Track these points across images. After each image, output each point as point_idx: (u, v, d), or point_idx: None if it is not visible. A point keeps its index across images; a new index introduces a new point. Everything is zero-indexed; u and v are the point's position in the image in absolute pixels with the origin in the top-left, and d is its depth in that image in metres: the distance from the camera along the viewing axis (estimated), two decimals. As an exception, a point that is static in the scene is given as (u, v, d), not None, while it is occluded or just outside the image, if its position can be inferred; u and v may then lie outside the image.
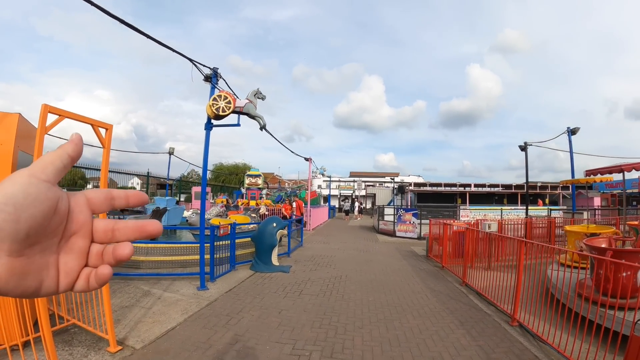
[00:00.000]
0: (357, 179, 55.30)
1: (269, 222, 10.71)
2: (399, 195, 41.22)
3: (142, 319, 6.21)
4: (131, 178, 27.69)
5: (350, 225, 29.56)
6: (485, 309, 7.18)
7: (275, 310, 6.86)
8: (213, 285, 8.48)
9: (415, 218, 20.30)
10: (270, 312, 6.75)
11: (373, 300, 7.66)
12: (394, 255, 14.04)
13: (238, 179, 48.88)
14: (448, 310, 7.11)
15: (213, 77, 8.58)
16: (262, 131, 9.27)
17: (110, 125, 4.90)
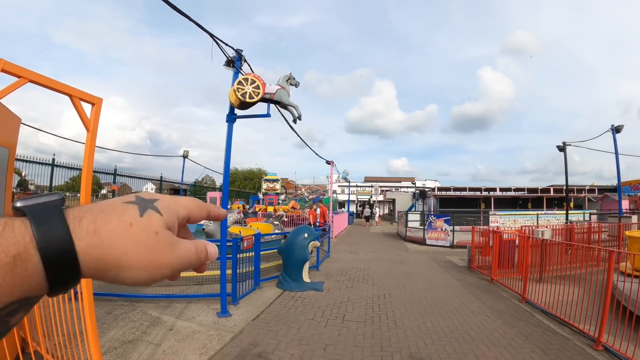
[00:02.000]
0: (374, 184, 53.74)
1: (300, 233, 9.20)
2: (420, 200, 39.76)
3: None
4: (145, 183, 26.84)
5: (373, 232, 28.01)
6: (560, 330, 6.21)
7: (319, 345, 5.40)
8: (236, 309, 7.02)
9: (447, 225, 18.68)
10: (313, 348, 5.30)
11: (432, 327, 6.26)
12: (432, 266, 12.54)
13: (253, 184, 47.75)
14: (521, 335, 5.96)
15: (237, 60, 7.15)
16: (295, 124, 7.78)
17: (99, 100, 3.48)
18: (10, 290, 0.41)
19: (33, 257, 0.42)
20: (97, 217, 0.47)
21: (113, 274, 0.48)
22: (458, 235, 18.39)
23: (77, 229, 0.45)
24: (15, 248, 0.41)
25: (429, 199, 37.38)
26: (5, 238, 0.41)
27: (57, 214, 0.45)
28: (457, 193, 36.43)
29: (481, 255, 11.82)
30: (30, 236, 0.42)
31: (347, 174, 37.28)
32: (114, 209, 0.49)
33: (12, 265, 0.40)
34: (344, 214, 32.71)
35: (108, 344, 5.26)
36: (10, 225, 0.43)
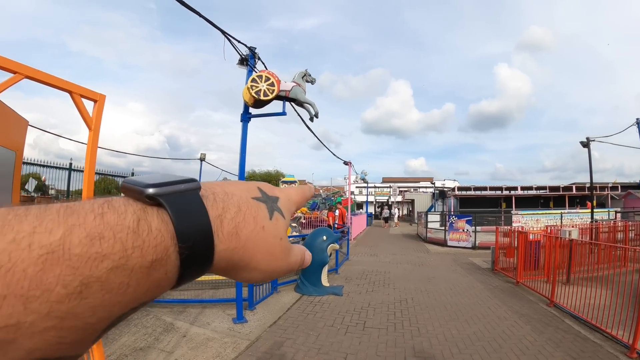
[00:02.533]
0: (392, 185, 53.25)
1: (318, 235, 8.91)
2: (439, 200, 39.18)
3: (160, 371, 4.56)
4: None
5: (392, 234, 27.65)
6: (591, 337, 5.89)
7: (339, 355, 5.12)
8: (252, 315, 6.78)
9: (469, 225, 18.22)
10: (333, 358, 5.04)
11: (458, 334, 5.93)
12: (455, 269, 12.15)
13: (270, 187, 47.77)
14: (551, 342, 5.62)
15: (250, 58, 6.92)
16: (312, 122, 7.49)
17: (102, 96, 3.26)
18: (141, 296, 0.36)
19: (173, 260, 0.37)
20: (236, 217, 0.43)
21: (234, 273, 0.46)
22: (480, 236, 17.94)
23: (219, 230, 0.41)
24: (155, 251, 0.35)
25: (449, 199, 36.73)
26: (142, 238, 0.34)
27: (200, 209, 0.40)
28: (477, 192, 35.70)
29: (505, 256, 11.42)
30: (171, 236, 0.37)
31: (365, 175, 36.68)
32: (249, 208, 0.46)
33: (149, 270, 0.35)
34: (363, 215, 32.43)
35: (119, 351, 5.11)
36: (145, 219, 0.36)
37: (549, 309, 7.30)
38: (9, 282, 0.27)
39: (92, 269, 0.31)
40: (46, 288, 0.28)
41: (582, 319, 6.47)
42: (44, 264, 0.28)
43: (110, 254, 0.32)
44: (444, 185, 49.74)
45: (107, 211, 0.34)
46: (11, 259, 0.27)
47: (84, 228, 0.32)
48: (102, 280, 0.31)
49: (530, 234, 10.14)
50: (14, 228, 0.29)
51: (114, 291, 0.32)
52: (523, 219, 19.95)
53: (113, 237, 0.33)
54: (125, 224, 0.34)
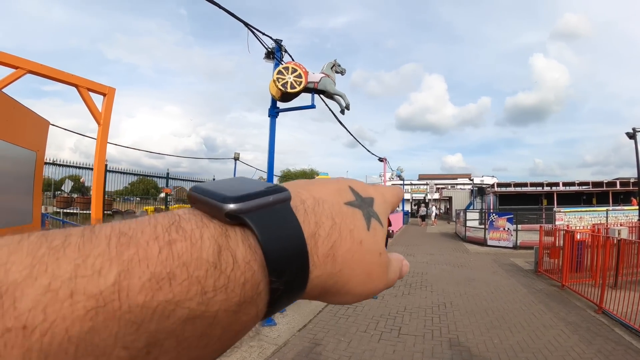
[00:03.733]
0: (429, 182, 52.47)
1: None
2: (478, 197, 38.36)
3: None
4: None
5: (429, 233, 27.04)
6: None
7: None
8: (282, 317, 6.54)
9: (510, 224, 17.43)
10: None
11: (500, 344, 5.51)
12: (496, 270, 11.59)
13: (306, 185, 48.11)
14: (601, 355, 5.14)
15: (277, 51, 6.68)
16: (343, 114, 7.19)
17: (111, 90, 3.06)
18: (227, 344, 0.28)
19: (264, 297, 0.29)
20: (332, 233, 0.35)
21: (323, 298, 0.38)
22: (521, 235, 17.21)
23: (314, 253, 0.33)
24: (242, 291, 0.27)
25: (488, 196, 35.90)
26: (226, 275, 0.26)
27: (294, 228, 0.32)
28: (517, 189, 34.73)
29: (549, 257, 10.81)
30: (261, 266, 0.29)
31: (400, 172, 36.21)
32: (344, 218, 0.37)
33: (236, 315, 0.27)
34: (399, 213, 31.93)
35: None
36: (227, 248, 0.27)
37: (597, 316, 6.79)
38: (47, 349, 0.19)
39: (162, 322, 0.23)
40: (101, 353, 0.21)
41: (634, 328, 5.96)
42: (94, 321, 0.21)
43: (185, 300, 0.24)
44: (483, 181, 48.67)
45: (176, 238, 0.26)
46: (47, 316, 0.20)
47: (146, 265, 0.23)
48: (176, 335, 0.24)
49: (577, 233, 9.58)
50: (49, 269, 0.21)
51: (193, 346, 0.25)
52: (566, 216, 19.07)
53: (188, 277, 0.24)
54: (202, 256, 0.26)
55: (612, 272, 8.12)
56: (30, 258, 0.21)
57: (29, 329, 0.19)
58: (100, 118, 3.04)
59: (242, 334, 0.29)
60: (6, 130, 3.67)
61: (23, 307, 0.19)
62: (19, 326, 0.19)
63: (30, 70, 2.68)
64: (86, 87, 2.96)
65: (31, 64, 2.68)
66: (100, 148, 3.06)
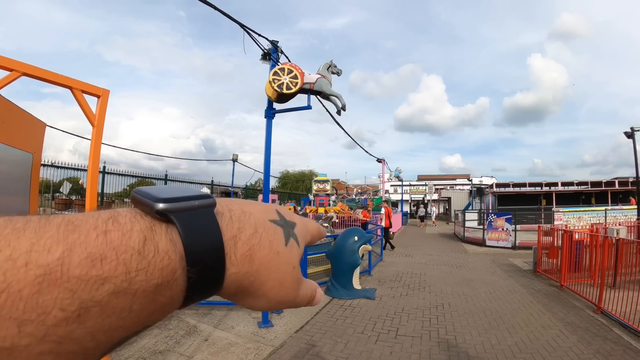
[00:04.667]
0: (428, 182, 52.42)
1: (349, 236, 8.55)
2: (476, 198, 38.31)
3: (177, 378, 4.38)
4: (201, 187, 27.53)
5: (428, 233, 26.93)
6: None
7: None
8: (279, 318, 6.53)
9: (508, 224, 17.40)
10: (360, 369, 4.70)
11: (498, 345, 5.49)
12: (495, 271, 11.55)
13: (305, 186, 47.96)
14: (600, 355, 5.13)
15: (273, 52, 6.68)
16: (339, 115, 7.17)
17: (105, 91, 3.08)
18: (144, 319, 0.34)
19: (180, 284, 0.35)
20: (252, 239, 0.41)
21: (239, 298, 0.43)
22: (520, 235, 17.16)
23: (232, 252, 0.39)
24: (161, 275, 0.33)
25: (487, 197, 35.84)
26: (147, 260, 0.32)
27: (213, 228, 0.38)
28: (516, 189, 34.67)
29: (547, 257, 10.79)
30: (180, 257, 0.35)
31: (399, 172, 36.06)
32: (265, 230, 0.43)
33: (154, 294, 0.33)
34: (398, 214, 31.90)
35: (137, 354, 5.00)
36: (152, 239, 0.34)
37: (595, 316, 6.79)
38: (3, 303, 0.25)
39: (92, 292, 0.29)
40: (42, 311, 0.27)
41: (633, 328, 5.96)
42: (40, 285, 0.27)
43: (112, 277, 0.30)
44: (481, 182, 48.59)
45: (111, 229, 0.32)
46: (6, 278, 0.26)
47: (85, 247, 0.29)
48: (102, 305, 0.29)
49: (576, 233, 9.56)
50: (11, 244, 0.27)
51: (115, 315, 0.30)
52: (565, 216, 19.04)
53: (116, 258, 0.30)
54: (129, 244, 0.32)
55: (611, 271, 8.11)
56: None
57: None
58: (95, 120, 3.04)
59: (159, 314, 0.34)
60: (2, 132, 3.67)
61: None
62: None
63: (25, 72, 2.67)
64: (80, 89, 2.96)
65: (26, 66, 2.68)
66: (95, 150, 3.05)
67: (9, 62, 2.60)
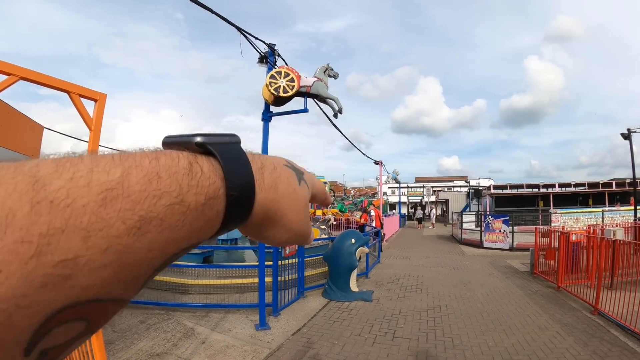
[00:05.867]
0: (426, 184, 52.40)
1: (346, 238, 8.58)
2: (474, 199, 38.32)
3: (174, 381, 4.38)
4: None
5: (426, 235, 26.89)
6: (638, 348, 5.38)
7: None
8: (276, 321, 6.53)
9: (506, 225, 17.37)
10: (357, 371, 4.70)
11: (495, 346, 5.49)
12: (492, 272, 11.54)
13: (303, 189, 48.07)
14: (596, 356, 5.13)
15: (270, 55, 6.68)
16: (336, 118, 7.17)
17: (103, 95, 3.08)
18: (193, 235, 0.37)
19: (222, 201, 0.39)
20: (274, 173, 0.47)
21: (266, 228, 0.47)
22: (517, 236, 17.13)
23: (260, 180, 0.44)
24: (208, 191, 0.37)
25: (484, 198, 35.86)
26: (196, 179, 0.37)
27: (244, 159, 0.43)
28: (513, 191, 34.72)
29: (545, 259, 10.76)
30: (221, 178, 0.39)
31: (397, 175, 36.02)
32: (283, 170, 0.49)
33: (204, 207, 0.37)
34: (395, 216, 31.87)
35: (135, 356, 5.01)
36: (196, 163, 0.38)
37: (593, 317, 6.79)
38: (68, 216, 0.27)
39: (151, 205, 0.31)
40: (106, 223, 0.28)
41: (629, 329, 5.96)
42: (104, 201, 0.29)
43: (168, 191, 0.33)
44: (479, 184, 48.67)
45: (161, 156, 0.35)
46: (70, 195, 0.27)
47: (141, 169, 0.32)
48: (160, 217, 0.32)
49: (573, 234, 9.57)
50: (70, 169, 0.29)
51: (171, 227, 0.33)
52: (562, 218, 19.03)
53: (169, 176, 0.34)
54: (180, 165, 0.36)
55: (608, 273, 8.12)
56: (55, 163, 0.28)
57: (55, 202, 0.26)
58: (92, 124, 3.05)
59: (206, 230, 0.38)
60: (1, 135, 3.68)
61: (51, 189, 0.26)
62: (47, 200, 0.26)
63: (23, 76, 2.67)
64: (78, 93, 2.96)
65: (24, 70, 2.68)
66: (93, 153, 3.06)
67: (7, 67, 2.60)
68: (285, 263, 7.62)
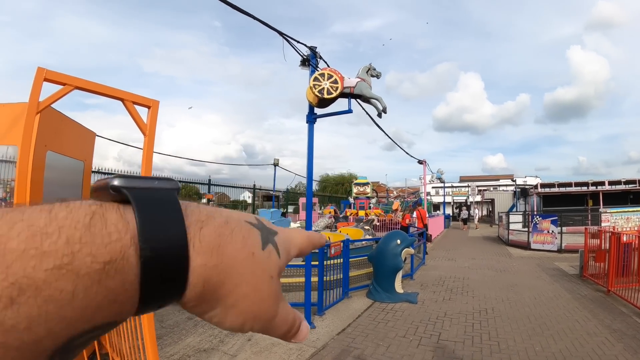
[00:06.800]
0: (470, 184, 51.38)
1: (392, 239, 8.53)
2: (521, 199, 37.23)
3: (222, 376, 4.52)
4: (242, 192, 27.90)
5: (471, 236, 26.43)
6: None
7: (409, 370, 4.78)
8: (321, 320, 6.61)
9: (554, 226, 16.77)
10: (402, 373, 4.70)
11: (542, 352, 5.33)
12: (540, 275, 11.20)
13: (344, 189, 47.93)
14: (647, 365, 4.80)
15: (312, 58, 6.77)
16: (380, 117, 7.17)
17: (155, 102, 3.22)
18: (92, 312, 0.28)
19: (132, 266, 0.29)
20: (222, 228, 0.36)
21: (208, 305, 0.35)
22: (566, 237, 16.51)
23: (196, 239, 0.33)
24: (109, 251, 0.28)
25: (531, 198, 34.74)
26: (93, 234, 0.28)
27: (174, 209, 0.33)
28: (561, 189, 33.31)
29: (594, 261, 10.30)
30: (132, 235, 0.30)
31: (441, 174, 35.32)
32: (239, 225, 0.38)
33: (101, 275, 0.28)
34: (440, 217, 31.43)
35: (182, 351, 5.19)
36: (100, 214, 0.30)
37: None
38: None
39: (28, 268, 0.25)
40: None
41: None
42: None
43: (52, 250, 0.26)
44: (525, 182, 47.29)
45: (57, 206, 0.28)
46: None
47: (25, 222, 0.26)
48: (40, 284, 0.25)
49: (624, 235, 9.21)
50: None
51: (55, 300, 0.25)
52: (612, 217, 18.24)
53: (57, 231, 0.26)
54: (75, 217, 0.28)
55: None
56: None
57: None
58: (146, 129, 3.19)
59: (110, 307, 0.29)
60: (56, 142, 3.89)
61: None
62: None
63: (78, 86, 2.82)
64: (132, 100, 3.11)
65: (78, 80, 2.84)
66: (147, 158, 3.20)
67: (62, 77, 2.76)
68: (330, 263, 7.66)
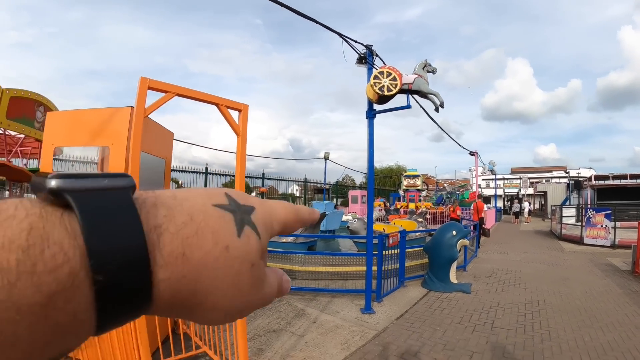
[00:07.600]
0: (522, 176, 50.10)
1: (447, 230, 8.79)
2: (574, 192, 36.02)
3: (291, 352, 5.00)
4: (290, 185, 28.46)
5: (523, 230, 25.97)
6: None
7: (464, 352, 5.08)
8: (380, 306, 7.00)
9: (608, 220, 16.30)
10: (458, 355, 5.01)
11: (591, 342, 5.51)
12: (591, 270, 11.09)
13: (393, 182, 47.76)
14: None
15: (368, 55, 7.13)
16: (438, 112, 7.42)
17: (245, 106, 3.67)
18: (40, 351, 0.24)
19: (84, 294, 0.24)
20: (184, 229, 0.30)
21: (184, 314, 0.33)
22: (620, 232, 16.04)
23: (157, 248, 0.28)
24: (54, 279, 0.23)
25: (585, 190, 33.45)
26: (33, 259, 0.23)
27: (129, 214, 0.28)
28: (616, 182, 31.60)
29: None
30: (81, 253, 0.24)
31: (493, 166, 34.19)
32: (206, 218, 0.32)
33: (47, 309, 0.23)
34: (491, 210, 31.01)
35: (253, 332, 5.62)
36: (40, 229, 0.24)
37: (693, 320, 6.47)
38: None
39: None
40: None
41: None
42: None
43: None
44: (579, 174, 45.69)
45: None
46: None
47: None
48: None
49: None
50: None
51: None
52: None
53: None
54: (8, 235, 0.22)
55: None
56: None
57: None
58: (239, 130, 3.65)
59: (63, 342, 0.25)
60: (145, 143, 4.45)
61: None
62: None
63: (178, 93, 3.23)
64: (225, 105, 3.54)
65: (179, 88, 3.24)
66: (241, 157, 3.62)
67: (165, 85, 3.16)
68: (388, 253, 8.00)
